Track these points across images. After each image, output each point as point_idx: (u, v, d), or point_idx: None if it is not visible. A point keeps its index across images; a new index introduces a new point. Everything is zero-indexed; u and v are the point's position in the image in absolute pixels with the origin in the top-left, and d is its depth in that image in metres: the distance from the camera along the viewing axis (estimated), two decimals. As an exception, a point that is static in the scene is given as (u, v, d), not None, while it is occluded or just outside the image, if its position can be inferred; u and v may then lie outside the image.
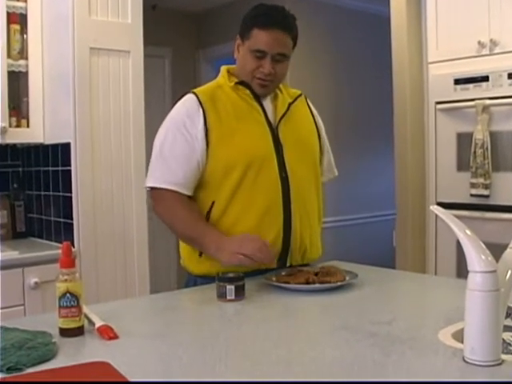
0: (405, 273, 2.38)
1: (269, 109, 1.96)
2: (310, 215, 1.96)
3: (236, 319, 1.46)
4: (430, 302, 1.67)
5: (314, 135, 2.06)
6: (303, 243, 1.94)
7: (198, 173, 1.88)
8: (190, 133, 1.87)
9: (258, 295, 1.69)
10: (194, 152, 1.86)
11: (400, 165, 3.84)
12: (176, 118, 1.91)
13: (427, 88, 3.41)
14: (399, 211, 3.85)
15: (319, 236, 2.05)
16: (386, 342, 1.23)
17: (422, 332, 1.30)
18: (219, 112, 1.89)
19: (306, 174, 1.96)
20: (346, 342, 1.24)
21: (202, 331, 1.36)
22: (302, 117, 2.05)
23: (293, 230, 1.90)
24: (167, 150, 1.88)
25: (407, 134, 3.77)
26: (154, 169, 1.91)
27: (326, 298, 1.63)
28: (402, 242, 3.82)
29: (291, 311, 1.55)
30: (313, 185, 2.00)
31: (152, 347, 1.25)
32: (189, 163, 1.86)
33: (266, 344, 1.25)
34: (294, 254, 1.93)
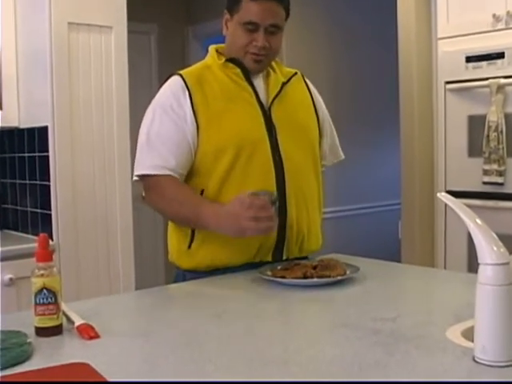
0: (411, 267, 2.39)
1: (260, 89, 1.96)
2: (307, 202, 1.97)
3: (228, 316, 1.46)
4: (438, 297, 1.67)
5: (311, 116, 2.06)
6: (300, 233, 1.94)
7: (191, 158, 1.89)
8: (177, 114, 1.88)
9: (252, 290, 1.69)
10: (184, 135, 1.87)
11: (406, 150, 3.84)
12: (161, 100, 1.92)
13: (436, 66, 3.40)
14: (405, 200, 3.86)
15: (319, 225, 2.06)
16: (389, 340, 1.23)
17: (428, 330, 1.30)
18: (206, 94, 1.90)
19: (302, 158, 1.97)
20: (347, 340, 1.24)
21: (190, 329, 1.36)
22: (297, 97, 2.05)
23: (288, 219, 1.91)
24: (155, 135, 1.89)
25: (414, 116, 3.77)
26: (142, 156, 1.91)
27: (325, 293, 1.63)
28: (408, 233, 3.83)
29: (287, 307, 1.55)
30: (311, 170, 2.00)
31: (136, 347, 1.25)
32: (180, 147, 1.87)
33: (259, 342, 1.25)
34: (290, 246, 1.93)
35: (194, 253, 1.91)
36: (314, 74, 2.40)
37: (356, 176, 5.10)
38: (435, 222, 3.50)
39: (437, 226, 3.46)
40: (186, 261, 1.94)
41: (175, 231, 1.98)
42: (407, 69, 3.80)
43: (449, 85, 3.26)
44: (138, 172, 1.91)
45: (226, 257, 1.88)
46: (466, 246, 3.15)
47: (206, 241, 1.89)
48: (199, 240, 1.90)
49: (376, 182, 5.23)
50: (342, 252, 2.17)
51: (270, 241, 1.89)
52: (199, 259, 1.89)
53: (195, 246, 1.90)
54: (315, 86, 2.16)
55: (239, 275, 1.85)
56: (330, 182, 4.76)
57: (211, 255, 1.89)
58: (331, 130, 2.17)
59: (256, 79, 1.97)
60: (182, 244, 1.94)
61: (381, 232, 5.12)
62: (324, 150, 2.12)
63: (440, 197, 1.19)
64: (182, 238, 1.93)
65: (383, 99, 5.05)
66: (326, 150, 2.14)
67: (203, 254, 1.89)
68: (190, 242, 1.91)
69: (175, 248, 1.98)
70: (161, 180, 1.87)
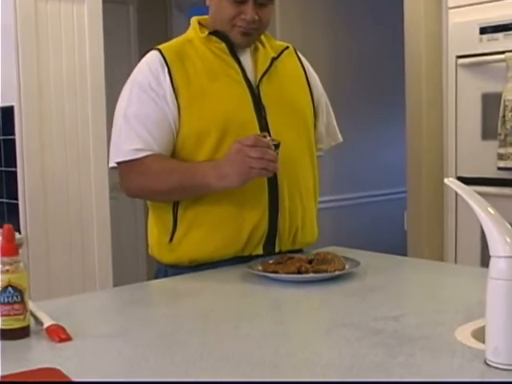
0: (417, 260, 2.40)
1: (248, 65, 1.96)
2: (302, 191, 1.97)
3: (214, 315, 1.46)
4: (446, 294, 1.68)
5: (305, 94, 2.06)
6: (294, 224, 1.95)
7: (172, 140, 1.89)
8: (156, 93, 1.87)
9: (241, 287, 1.69)
10: (164, 115, 1.87)
11: (412, 132, 3.85)
12: (138, 78, 1.91)
13: (446, 39, 3.40)
14: (411, 188, 3.87)
15: (314, 216, 2.06)
16: (392, 341, 1.23)
17: (435, 330, 1.30)
18: (187, 70, 1.89)
19: (296, 141, 1.97)
20: (345, 340, 1.25)
21: (173, 329, 1.37)
22: (289, 73, 2.05)
23: (281, 209, 1.91)
24: (133, 116, 1.88)
25: (422, 95, 3.77)
26: (120, 141, 1.90)
27: (322, 289, 1.63)
28: (414, 224, 3.84)
29: (279, 306, 1.56)
30: (306, 154, 2.01)
31: (112, 349, 1.25)
32: (161, 128, 1.87)
33: (248, 344, 1.25)
34: (283, 238, 1.94)
35: (175, 246, 1.91)
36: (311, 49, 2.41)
37: (357, 161, 5.10)
38: (444, 211, 3.51)
39: (446, 216, 3.47)
40: (167, 255, 1.94)
41: (156, 222, 1.98)
42: (414, 42, 3.80)
43: (460, 59, 3.26)
44: (118, 159, 1.90)
45: (210, 250, 1.88)
46: (479, 237, 3.17)
47: (189, 232, 1.89)
48: (181, 232, 1.90)
49: (379, 168, 5.24)
50: (342, 245, 2.17)
51: (259, 232, 1.89)
52: (181, 253, 1.90)
53: (177, 238, 1.90)
54: (312, 63, 2.15)
55: (227, 270, 1.85)
56: (329, 168, 4.76)
57: (194, 248, 1.89)
58: (327, 109, 2.17)
59: (243, 54, 1.96)
60: (162, 236, 1.94)
61: (384, 223, 5.14)
62: (320, 131, 2.13)
63: (447, 183, 1.19)
64: (163, 229, 1.93)
65: (388, 77, 5.04)
66: (323, 132, 2.14)
67: (186, 247, 1.89)
68: (171, 235, 1.91)
69: (156, 241, 1.98)
70: (144, 160, 1.87)
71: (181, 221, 1.89)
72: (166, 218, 1.93)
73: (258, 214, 1.88)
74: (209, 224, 1.88)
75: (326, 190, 4.92)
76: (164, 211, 1.93)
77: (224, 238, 1.87)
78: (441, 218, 3.58)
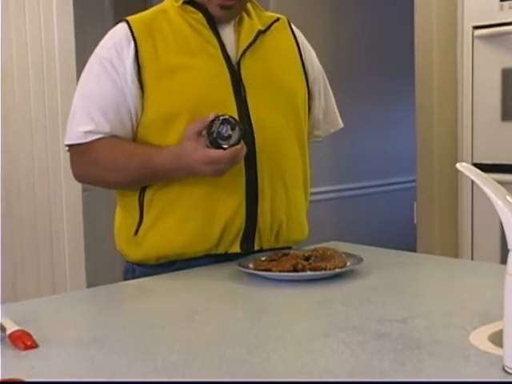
0: (428, 257, 2.41)
1: (229, 39, 1.94)
2: (287, 182, 1.97)
3: (200, 318, 1.47)
4: (460, 294, 1.68)
5: (296, 73, 2.04)
6: (276, 220, 1.94)
7: (131, 127, 1.89)
8: (117, 71, 1.87)
9: (229, 287, 1.70)
10: (123, 97, 1.86)
11: (423, 115, 3.85)
12: (101, 53, 1.92)
13: (462, 7, 3.40)
14: (421, 177, 3.87)
15: (304, 210, 2.06)
16: (398, 346, 1.24)
17: (447, 333, 1.31)
18: (156, 45, 1.88)
19: (282, 124, 1.96)
20: (346, 346, 1.25)
21: (153, 334, 1.37)
22: (279, 49, 2.03)
23: (260, 200, 1.91)
24: (89, 96, 1.90)
25: (433, 72, 3.77)
26: (73, 122, 1.92)
27: (320, 289, 1.64)
28: (425, 217, 3.84)
29: (272, 307, 1.56)
30: (294, 141, 2.00)
31: (84, 357, 1.26)
32: (118, 112, 1.87)
33: (237, 349, 1.25)
34: (263, 233, 1.94)
35: (141, 239, 1.91)
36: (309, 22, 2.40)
37: (361, 147, 5.11)
38: (459, 202, 3.52)
39: (461, 208, 3.48)
40: (134, 250, 1.94)
41: (122, 212, 1.99)
42: (425, 11, 3.80)
43: (478, 30, 3.26)
44: (67, 141, 1.93)
45: (179, 245, 1.88)
46: (498, 231, 3.17)
47: (155, 224, 1.89)
48: (147, 224, 1.90)
49: (386, 155, 5.24)
50: (344, 240, 2.18)
51: (235, 226, 1.88)
52: (148, 248, 1.90)
53: (143, 230, 1.91)
54: (310, 37, 2.14)
55: (213, 268, 1.85)
56: (329, 155, 4.77)
57: (161, 242, 1.89)
58: (326, 91, 2.16)
59: (224, 27, 1.94)
60: (129, 229, 1.94)
61: (391, 215, 5.15)
62: (316, 116, 2.12)
63: (460, 168, 1.19)
64: (129, 220, 1.94)
65: (395, 51, 5.05)
66: (319, 117, 2.13)
67: (152, 241, 1.89)
68: (137, 227, 1.91)
69: (123, 234, 1.98)
70: (95, 144, 1.87)
71: (147, 210, 1.90)
72: (131, 207, 1.93)
73: (232, 206, 1.87)
74: (176, 215, 1.87)
75: (326, 179, 4.95)
76: (129, 199, 1.93)
77: (193, 232, 1.87)
78: (455, 210, 3.59)
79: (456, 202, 3.58)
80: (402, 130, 5.10)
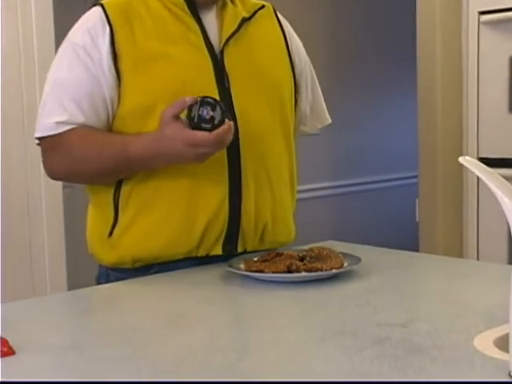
0: (430, 256, 2.42)
1: (211, 26, 1.93)
2: (272, 180, 1.96)
3: (186, 323, 1.46)
4: (465, 296, 1.68)
5: (282, 64, 2.04)
6: (261, 220, 1.94)
7: (106, 118, 1.88)
8: (91, 58, 1.86)
9: (219, 289, 1.70)
10: (98, 86, 1.85)
11: (425, 106, 3.85)
12: (74, 38, 1.90)
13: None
14: (424, 173, 3.88)
15: (290, 210, 2.06)
16: (398, 351, 1.23)
17: (451, 338, 1.31)
18: (134, 31, 1.87)
19: (267, 118, 1.96)
20: (343, 351, 1.25)
21: (137, 339, 1.36)
22: (264, 38, 2.03)
23: (244, 199, 1.90)
24: (61, 84, 1.88)
25: (436, 61, 3.78)
26: (44, 112, 1.90)
27: (316, 291, 1.64)
28: (428, 215, 3.85)
29: (264, 311, 1.56)
30: (279, 136, 1.99)
31: (64, 364, 1.25)
32: (93, 102, 1.85)
33: (227, 356, 1.25)
34: (247, 235, 1.93)
35: (116, 241, 1.90)
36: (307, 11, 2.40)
37: (360, 141, 5.11)
38: (464, 199, 3.53)
39: (466, 205, 3.49)
40: (108, 253, 1.93)
41: (95, 211, 1.98)
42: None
43: (484, 16, 3.26)
44: (38, 133, 1.91)
45: (157, 247, 1.87)
46: (505, 230, 3.18)
47: (132, 224, 1.88)
48: (123, 223, 1.89)
49: (386, 149, 5.25)
50: (342, 239, 2.18)
51: (217, 226, 1.88)
52: (123, 250, 1.89)
53: (118, 231, 1.89)
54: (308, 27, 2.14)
55: (201, 270, 1.85)
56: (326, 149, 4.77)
57: (138, 244, 1.88)
58: (313, 83, 2.16)
59: (206, 13, 1.94)
60: (102, 230, 1.93)
61: (392, 213, 5.16)
62: (303, 110, 2.12)
63: (463, 162, 1.19)
64: (103, 220, 1.93)
65: (397, 39, 5.05)
66: (306, 112, 2.13)
67: (128, 243, 1.88)
68: (111, 228, 1.90)
69: (95, 236, 1.97)
70: (67, 136, 1.86)
71: (123, 209, 1.89)
72: (105, 206, 1.92)
73: (215, 203, 1.86)
74: (155, 214, 1.86)
75: (322, 174, 4.95)
76: (103, 196, 1.92)
77: (173, 233, 1.86)
78: (459, 207, 3.60)
79: (460, 198, 3.58)
80: (403, 123, 5.11)
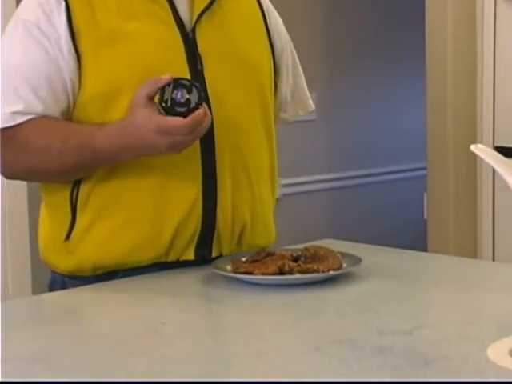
0: (440, 257, 2.42)
1: (182, 2, 1.91)
2: (251, 175, 1.96)
3: (167, 331, 1.47)
4: (478, 300, 1.68)
5: (261, 44, 2.03)
6: (239, 221, 1.93)
7: (67, 104, 1.86)
8: (47, 37, 1.83)
9: (203, 293, 1.71)
10: (57, 68, 1.83)
11: (435, 90, 3.85)
12: (24, 15, 1.88)
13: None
14: (433, 164, 3.87)
15: (271, 209, 2.06)
16: (403, 361, 1.24)
17: (461, 347, 1.31)
18: (94, 7, 1.85)
19: (245, 105, 1.95)
20: (340, 361, 1.25)
21: (112, 349, 1.37)
22: (240, 14, 2.03)
23: (219, 198, 1.89)
24: (14, 68, 1.85)
25: (447, 39, 3.77)
26: None
27: (311, 295, 1.64)
28: (437, 211, 3.85)
29: (254, 317, 1.56)
30: (259, 124, 1.99)
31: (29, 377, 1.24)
32: (52, 85, 1.83)
33: (211, 367, 1.26)
34: (223, 237, 1.92)
35: (74, 246, 1.88)
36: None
37: (362, 128, 5.10)
38: (478, 193, 3.53)
39: (480, 200, 3.49)
40: (63, 259, 1.91)
41: (48, 212, 1.96)
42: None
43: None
44: None
45: (122, 251, 1.86)
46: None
47: (92, 226, 1.87)
48: (82, 225, 1.87)
49: (391, 138, 5.24)
50: (341, 237, 2.18)
51: (189, 228, 1.87)
52: (82, 256, 1.87)
53: (76, 234, 1.87)
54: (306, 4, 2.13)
55: (184, 272, 1.85)
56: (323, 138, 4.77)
57: (100, 249, 1.86)
58: (294, 65, 2.15)
59: None
60: (57, 232, 1.91)
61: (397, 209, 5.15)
62: (283, 96, 2.12)
63: (475, 151, 1.19)
64: (58, 222, 1.91)
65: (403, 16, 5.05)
66: (287, 97, 2.13)
67: (88, 248, 1.86)
68: (68, 231, 1.88)
69: (49, 241, 1.95)
70: (23, 128, 1.83)
71: (82, 210, 1.86)
72: (61, 206, 1.89)
73: (186, 204, 1.85)
74: (118, 216, 1.85)
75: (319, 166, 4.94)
76: (59, 196, 1.90)
77: (139, 237, 1.85)
78: (473, 202, 3.60)
79: (474, 192, 3.59)
80: (410, 109, 5.11)
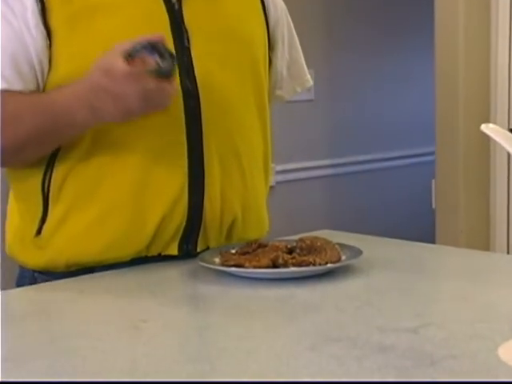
0: (449, 249, 2.41)
1: None
2: (243, 162, 1.97)
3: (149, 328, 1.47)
4: (489, 296, 1.68)
5: (254, 16, 2.04)
6: (229, 212, 1.94)
7: (35, 85, 1.86)
8: (11, 9, 1.83)
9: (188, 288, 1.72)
10: (24, 46, 1.82)
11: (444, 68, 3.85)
12: None
13: None
14: (442, 149, 3.88)
15: (264, 198, 2.07)
16: (406, 361, 1.24)
17: (470, 346, 1.31)
18: None
19: (237, 85, 1.96)
20: (338, 362, 1.25)
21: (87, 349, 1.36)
22: None
23: (207, 187, 1.90)
24: None
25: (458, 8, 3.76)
26: None
27: (307, 290, 1.65)
28: (446, 199, 3.85)
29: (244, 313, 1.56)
30: (252, 106, 2.00)
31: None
32: (16, 65, 1.83)
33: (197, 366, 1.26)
34: (210, 230, 1.93)
35: (46, 241, 1.88)
36: None
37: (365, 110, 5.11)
38: (491, 179, 3.53)
39: (494, 187, 3.49)
40: (34, 255, 1.91)
41: (17, 205, 1.96)
42: None
43: None
44: None
45: (99, 247, 1.87)
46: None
47: (66, 220, 1.87)
48: (55, 219, 1.87)
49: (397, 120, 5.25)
50: (341, 227, 2.19)
51: (174, 221, 1.87)
52: (55, 251, 1.87)
53: (48, 228, 1.87)
54: None
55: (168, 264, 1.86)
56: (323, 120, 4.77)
57: (74, 244, 1.87)
58: (291, 37, 2.15)
59: None
60: (27, 226, 1.91)
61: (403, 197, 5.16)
62: (279, 71, 2.12)
63: (485, 130, 1.19)
64: (28, 215, 1.91)
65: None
66: (283, 72, 2.14)
67: (61, 243, 1.87)
68: (39, 224, 1.88)
69: (18, 235, 1.95)
70: None
71: (55, 201, 1.87)
72: (32, 197, 1.89)
73: (171, 194, 1.86)
74: (95, 207, 1.85)
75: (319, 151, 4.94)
76: (29, 185, 1.90)
77: (118, 231, 1.85)
78: (485, 190, 3.60)
79: (487, 179, 3.59)
80: (417, 88, 5.12)
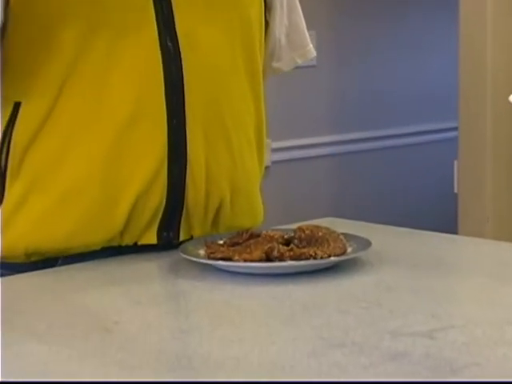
0: (472, 240, 2.41)
1: None
2: (231, 134, 1.96)
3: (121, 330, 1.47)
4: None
5: None
6: (215, 195, 1.94)
7: None
8: None
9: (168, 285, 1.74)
10: None
11: (470, 33, 3.86)
12: None
13: None
14: (465, 124, 3.89)
15: (257, 181, 2.08)
16: (422, 370, 1.24)
17: (495, 352, 1.32)
18: None
19: (224, 47, 1.96)
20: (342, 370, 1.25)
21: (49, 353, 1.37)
22: None
23: (190, 164, 1.89)
24: None
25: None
26: None
27: (306, 287, 1.65)
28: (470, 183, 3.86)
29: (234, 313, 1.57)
30: (241, 72, 2.00)
31: None
32: None
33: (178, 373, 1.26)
34: (194, 215, 1.93)
35: (3, 225, 1.87)
36: None
37: (377, 81, 5.12)
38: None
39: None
40: None
41: None
42: None
43: None
44: None
45: (61, 235, 1.86)
46: None
47: (24, 203, 1.87)
48: (12, 201, 1.88)
49: (414, 92, 5.27)
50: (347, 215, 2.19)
51: (149, 206, 1.87)
52: (12, 238, 1.87)
53: (5, 212, 1.88)
54: None
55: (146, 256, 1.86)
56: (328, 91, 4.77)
57: (32, 231, 1.87)
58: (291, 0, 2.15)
59: None
60: None
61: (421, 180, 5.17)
62: (276, 38, 2.12)
63: None
64: None
65: None
66: (281, 40, 2.13)
67: (19, 229, 1.87)
68: None
69: None
70: None
71: (12, 180, 1.87)
72: None
73: (147, 170, 1.85)
74: (58, 187, 1.85)
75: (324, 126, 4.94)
76: None
77: (85, 214, 1.85)
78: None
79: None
80: (438, 54, 5.13)
